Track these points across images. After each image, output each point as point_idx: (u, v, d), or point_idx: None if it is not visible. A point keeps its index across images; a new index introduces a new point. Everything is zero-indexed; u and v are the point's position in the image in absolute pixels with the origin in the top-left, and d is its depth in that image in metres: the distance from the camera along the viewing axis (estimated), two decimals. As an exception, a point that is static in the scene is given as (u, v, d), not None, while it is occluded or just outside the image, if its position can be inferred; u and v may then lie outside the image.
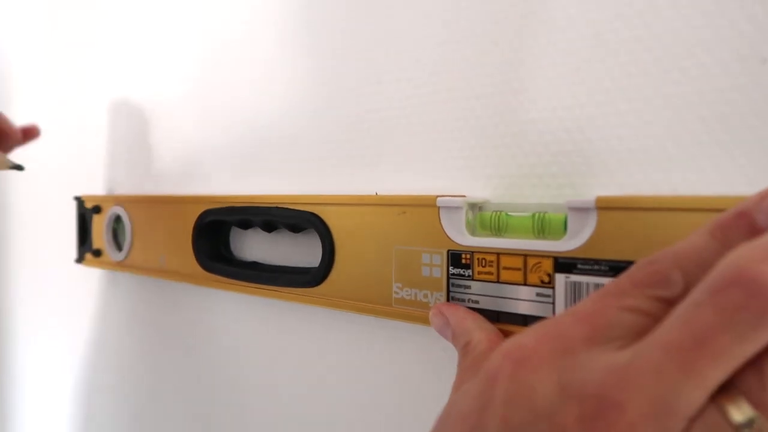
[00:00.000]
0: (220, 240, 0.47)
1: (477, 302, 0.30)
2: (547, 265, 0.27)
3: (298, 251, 0.42)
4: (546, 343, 0.19)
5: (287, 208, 0.39)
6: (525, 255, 0.28)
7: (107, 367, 0.63)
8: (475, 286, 0.30)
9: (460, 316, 0.28)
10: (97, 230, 0.58)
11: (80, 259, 0.61)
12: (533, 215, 0.28)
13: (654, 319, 0.19)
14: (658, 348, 0.17)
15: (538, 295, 0.27)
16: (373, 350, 0.38)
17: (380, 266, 0.34)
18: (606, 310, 0.19)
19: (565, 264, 0.26)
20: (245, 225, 0.44)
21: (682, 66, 0.26)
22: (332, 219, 0.37)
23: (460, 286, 0.30)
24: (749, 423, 0.16)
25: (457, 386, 0.25)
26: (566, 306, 0.26)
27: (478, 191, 0.33)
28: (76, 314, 0.67)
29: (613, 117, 0.28)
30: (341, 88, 0.39)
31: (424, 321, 0.32)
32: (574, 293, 0.26)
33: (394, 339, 0.36)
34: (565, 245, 0.26)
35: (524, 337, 0.20)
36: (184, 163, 0.51)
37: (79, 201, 0.61)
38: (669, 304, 0.19)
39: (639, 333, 0.18)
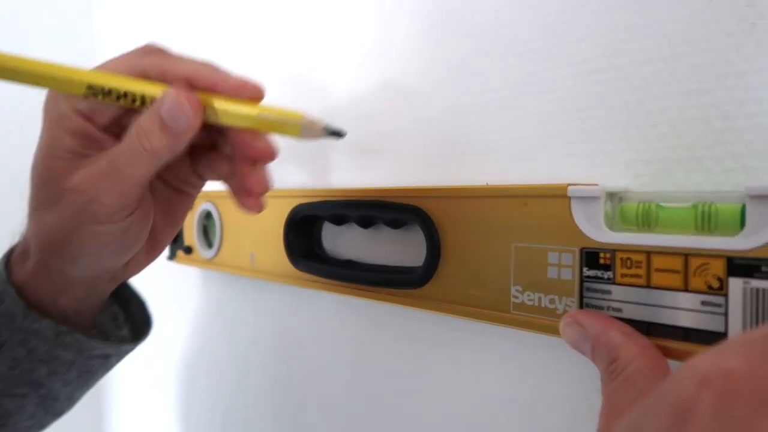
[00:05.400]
0: (313, 237, 0.44)
1: (619, 310, 0.25)
2: (717, 267, 0.22)
3: (399, 249, 0.38)
4: (761, 371, 0.14)
5: (385, 202, 0.36)
6: (686, 254, 0.23)
7: (199, 367, 0.63)
8: (618, 292, 0.25)
9: (602, 326, 0.24)
10: (188, 227, 0.58)
11: (172, 256, 0.61)
12: (695, 205, 0.23)
13: None
14: None
15: (704, 303, 0.22)
16: (482, 362, 0.33)
17: (495, 266, 0.29)
18: None
19: (743, 266, 0.21)
20: (339, 220, 0.40)
21: None
22: (438, 213, 0.33)
23: (597, 290, 0.25)
24: None
25: (611, 414, 0.21)
26: (745, 318, 0.21)
27: (614, 179, 0.28)
28: (169, 313, 0.67)
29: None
30: (443, 66, 0.35)
31: (550, 330, 0.27)
32: (757, 302, 0.21)
33: (509, 350, 0.31)
34: (744, 243, 0.21)
35: (727, 359, 0.15)
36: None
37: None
38: None
39: None
